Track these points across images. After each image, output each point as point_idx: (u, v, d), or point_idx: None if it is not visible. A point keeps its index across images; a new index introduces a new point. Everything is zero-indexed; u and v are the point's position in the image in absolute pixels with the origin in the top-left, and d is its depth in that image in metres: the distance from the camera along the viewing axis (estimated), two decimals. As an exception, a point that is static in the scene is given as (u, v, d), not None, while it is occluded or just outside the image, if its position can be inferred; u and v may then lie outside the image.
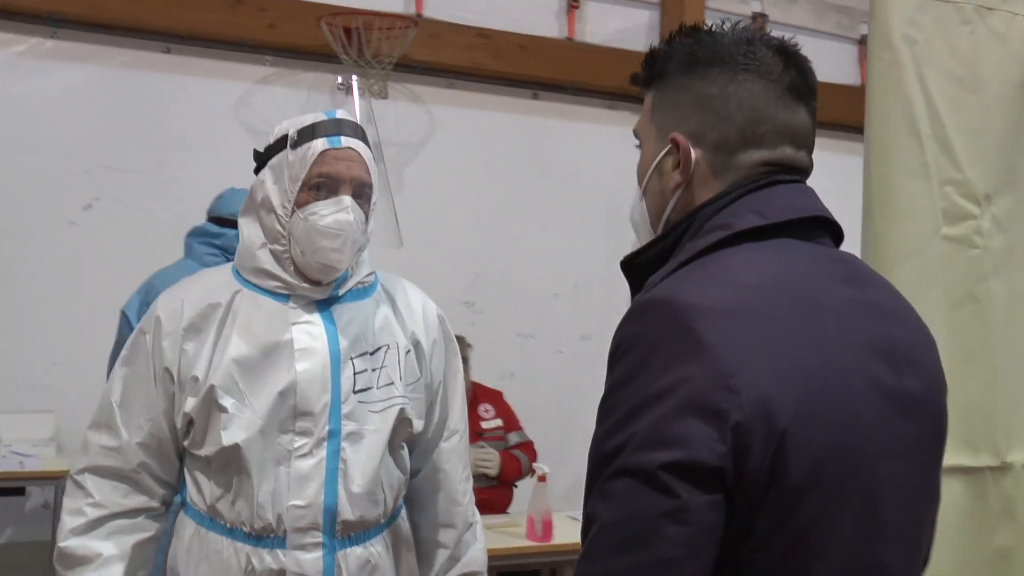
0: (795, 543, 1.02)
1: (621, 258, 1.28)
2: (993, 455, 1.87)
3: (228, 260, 3.73)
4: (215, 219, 3.50)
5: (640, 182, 1.26)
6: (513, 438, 4.51)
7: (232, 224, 3.74)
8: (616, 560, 1.00)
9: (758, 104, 1.17)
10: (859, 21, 7.14)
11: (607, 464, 1.02)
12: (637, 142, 1.31)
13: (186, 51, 5.42)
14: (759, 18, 6.70)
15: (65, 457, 4.80)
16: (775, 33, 4.67)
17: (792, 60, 1.23)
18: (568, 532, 4.00)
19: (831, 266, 1.14)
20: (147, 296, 3.44)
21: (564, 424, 6.06)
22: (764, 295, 1.05)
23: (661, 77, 1.24)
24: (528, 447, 4.54)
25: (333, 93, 5.70)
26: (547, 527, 3.76)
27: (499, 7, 6.03)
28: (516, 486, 4.51)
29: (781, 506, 1.00)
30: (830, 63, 6.93)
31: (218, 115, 5.45)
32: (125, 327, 3.31)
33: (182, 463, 1.91)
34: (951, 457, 1.77)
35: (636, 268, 1.23)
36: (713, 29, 1.26)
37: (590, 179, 6.30)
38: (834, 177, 2.57)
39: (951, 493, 1.79)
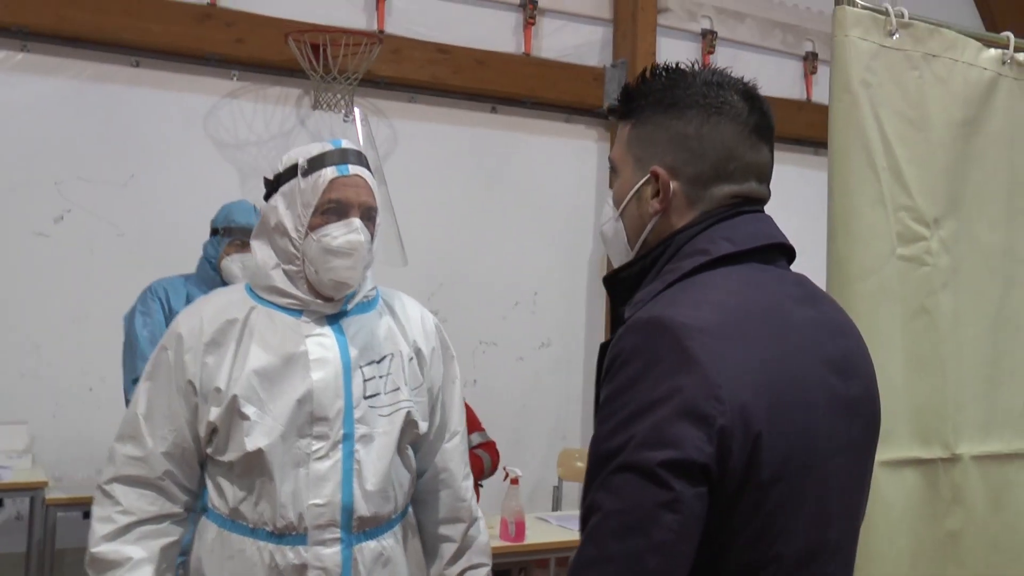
0: (764, 528, 1.20)
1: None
2: (943, 448, 2.08)
3: (205, 261, 3.81)
4: (210, 231, 3.80)
5: (617, 205, 1.43)
6: (475, 439, 4.65)
7: (212, 232, 3.81)
8: (618, 544, 1.15)
9: (729, 144, 1.36)
10: (803, 39, 7.40)
11: (609, 461, 1.18)
12: (612, 167, 1.48)
13: (155, 65, 5.48)
14: (708, 35, 6.95)
15: (40, 468, 4.86)
16: (724, 49, 4.93)
17: (756, 103, 1.41)
18: (539, 533, 4.17)
19: (791, 287, 1.33)
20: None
21: (524, 428, 6.24)
22: (742, 316, 1.24)
23: (639, 113, 1.42)
24: (490, 447, 4.68)
25: (299, 107, 5.81)
26: (520, 528, 3.92)
27: (458, 23, 6.18)
28: (481, 485, 4.66)
29: (753, 497, 1.18)
30: (776, 79, 7.19)
31: (186, 128, 5.53)
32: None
33: (203, 470, 2.05)
34: (907, 450, 2.00)
35: (617, 283, 1.42)
36: (684, 70, 1.44)
37: (547, 190, 6.48)
38: (783, 185, 2.77)
39: (906, 482, 1.99)
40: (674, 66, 1.44)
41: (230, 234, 3.76)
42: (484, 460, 4.55)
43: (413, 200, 5.91)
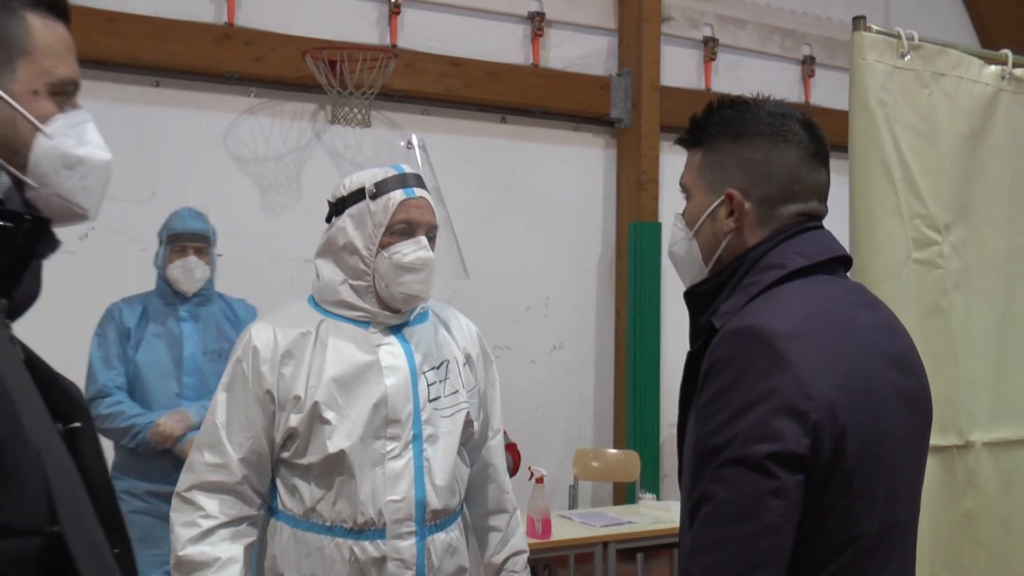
0: (848, 511, 1.38)
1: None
2: (958, 435, 2.28)
3: (157, 272, 3.77)
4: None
5: (691, 225, 1.62)
6: None
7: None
8: (733, 528, 1.34)
9: (794, 167, 1.54)
10: (801, 43, 7.61)
11: (717, 455, 1.36)
12: (684, 191, 1.66)
13: (175, 84, 5.68)
14: (710, 42, 7.16)
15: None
16: (725, 55, 5.17)
17: (815, 131, 1.59)
18: (562, 530, 4.37)
19: (853, 295, 1.52)
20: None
21: (540, 430, 6.44)
22: (819, 323, 1.42)
23: (709, 142, 1.60)
24: (512, 448, 4.86)
25: (314, 121, 6.00)
26: (546, 525, 4.11)
27: (469, 36, 6.39)
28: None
29: (839, 484, 1.36)
30: (776, 82, 7.39)
31: (206, 144, 5.73)
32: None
33: (273, 475, 2.22)
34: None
35: (696, 297, 1.60)
36: (748, 101, 1.62)
37: (556, 197, 6.69)
38: None
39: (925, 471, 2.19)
40: (739, 98, 1.63)
41: (173, 241, 3.71)
42: (507, 461, 4.75)
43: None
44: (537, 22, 6.56)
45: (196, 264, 3.70)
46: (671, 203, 6.46)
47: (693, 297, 1.61)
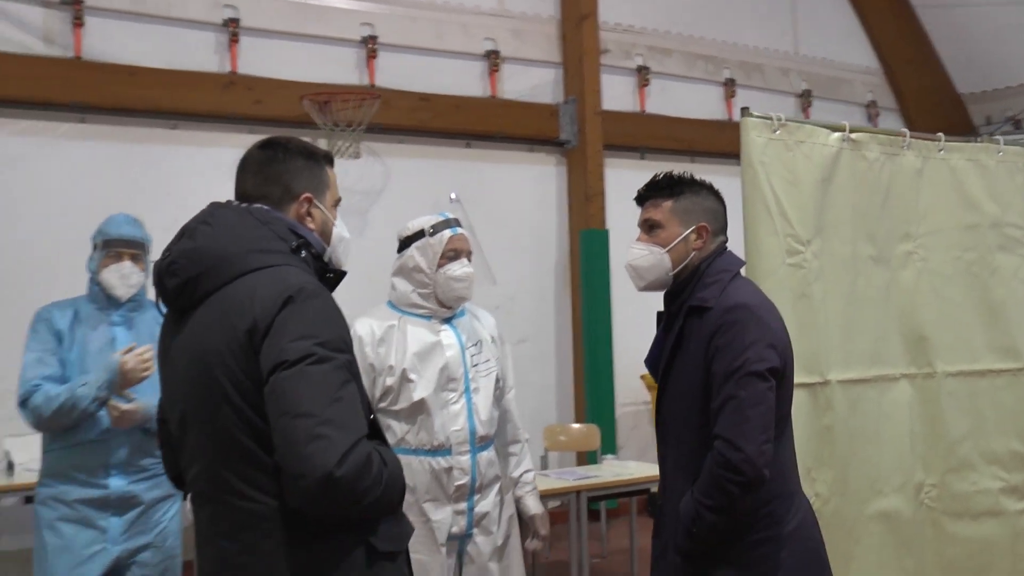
0: (783, 399, 2.58)
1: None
2: (820, 376, 3.55)
3: (89, 277, 3.59)
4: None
5: (665, 245, 2.73)
6: None
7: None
8: (752, 411, 2.46)
9: (721, 213, 2.77)
10: (722, 67, 8.98)
11: (736, 373, 2.45)
12: (654, 224, 2.81)
13: (189, 126, 6.86)
14: (642, 70, 8.49)
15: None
16: (657, 81, 6.85)
17: (718, 193, 2.85)
18: (542, 483, 5.62)
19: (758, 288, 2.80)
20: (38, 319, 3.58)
21: (510, 412, 7.71)
22: (765, 301, 2.63)
23: (679, 195, 2.75)
24: None
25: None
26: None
27: (436, 74, 7.64)
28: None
29: (782, 385, 2.57)
30: (701, 103, 8.77)
31: (217, 177, 6.75)
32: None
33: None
34: (799, 377, 3.48)
35: (671, 293, 2.79)
36: (685, 177, 2.80)
37: (515, 209, 7.97)
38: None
39: (799, 398, 3.46)
40: (680, 175, 2.80)
41: (108, 247, 3.60)
42: None
43: (403, 223, 7.31)
44: (493, 59, 7.84)
45: (131, 270, 3.61)
46: (615, 213, 7.78)
47: (669, 292, 2.80)
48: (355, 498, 1.92)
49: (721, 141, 8.29)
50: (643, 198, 2.83)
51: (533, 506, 3.64)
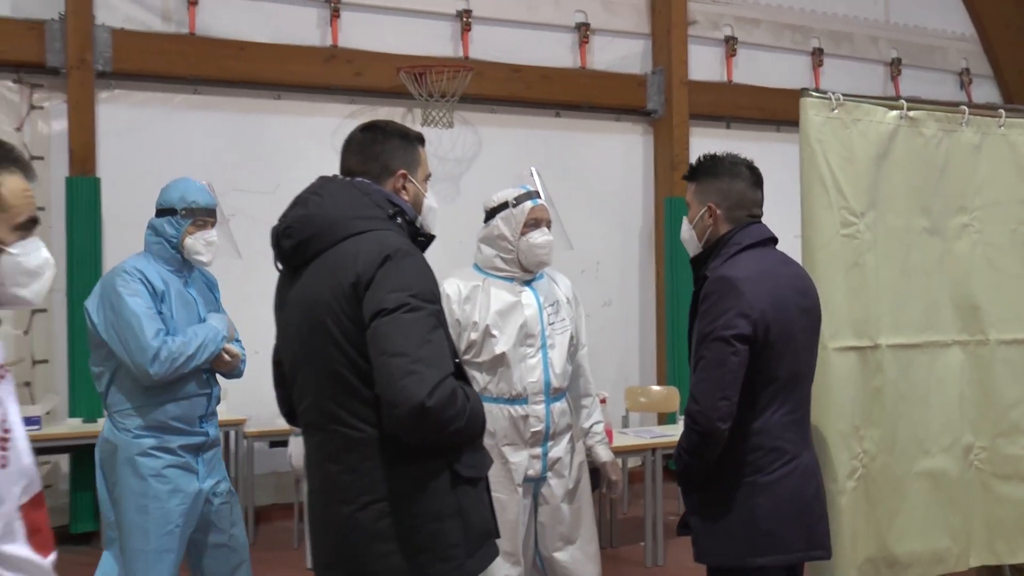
0: (770, 361, 2.96)
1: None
2: (870, 340, 3.86)
3: (163, 242, 3.85)
4: (156, 212, 3.93)
5: (691, 222, 3.21)
6: None
7: (161, 213, 3.88)
8: (712, 371, 2.91)
9: (741, 191, 3.13)
10: (810, 36, 9.16)
11: (707, 337, 2.95)
12: (687, 202, 3.27)
13: (292, 97, 7.38)
14: (730, 40, 8.74)
15: (232, 412, 6.74)
16: (744, 51, 7.26)
17: (754, 170, 3.20)
18: (620, 440, 6.04)
19: (777, 257, 3.13)
20: (98, 290, 3.86)
21: (594, 372, 8.05)
22: (759, 272, 3.01)
23: (698, 177, 3.20)
24: None
25: (403, 122, 7.62)
26: (609, 434, 5.74)
27: (527, 46, 8.02)
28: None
29: (766, 350, 2.94)
30: (788, 72, 8.98)
31: (317, 145, 7.34)
32: (89, 320, 3.82)
33: None
34: (849, 341, 3.82)
35: (697, 260, 3.22)
36: (717, 155, 3.22)
37: (603, 177, 8.34)
38: (786, 157, 4.35)
39: (848, 360, 3.80)
40: (714, 154, 3.25)
41: (193, 214, 3.84)
42: None
43: (495, 190, 7.71)
44: (583, 31, 8.18)
45: (214, 237, 3.96)
46: (699, 181, 8.08)
47: (695, 263, 3.25)
48: (442, 426, 2.34)
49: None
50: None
51: (603, 454, 4.05)
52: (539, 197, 3.92)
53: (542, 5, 8.13)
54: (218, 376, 4.00)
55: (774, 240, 3.19)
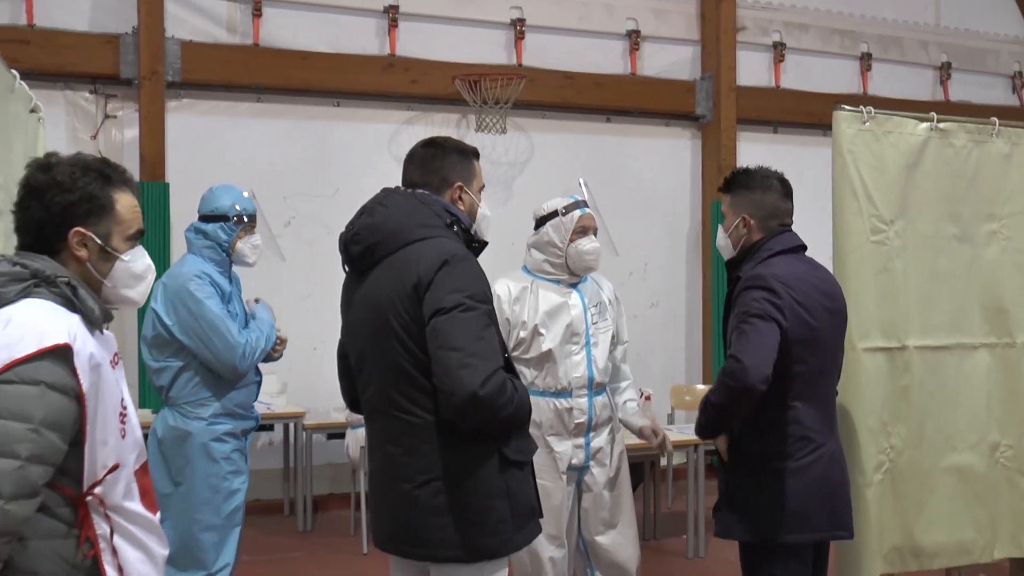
0: (799, 355, 3.25)
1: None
2: (898, 341, 4.11)
3: (215, 246, 4.19)
4: (202, 217, 4.25)
5: (727, 230, 3.52)
6: None
7: (212, 219, 4.20)
8: (755, 340, 3.17)
9: (773, 202, 3.44)
10: (859, 41, 9.33)
11: (744, 314, 3.22)
12: (723, 212, 3.57)
13: (351, 104, 7.73)
14: (778, 46, 8.94)
15: (291, 405, 7.10)
16: (792, 57, 7.56)
17: (785, 182, 3.51)
18: (664, 434, 6.29)
19: (806, 263, 3.42)
20: (166, 293, 4.15)
21: (641, 371, 8.27)
22: (790, 276, 3.29)
23: (733, 189, 3.51)
24: None
25: (457, 128, 7.94)
26: (647, 399, 6.02)
27: (579, 53, 8.30)
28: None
29: (792, 346, 3.22)
30: (836, 77, 9.16)
31: (375, 150, 7.72)
32: (158, 322, 4.17)
33: None
34: (878, 342, 4.07)
35: (731, 265, 3.52)
36: (750, 169, 3.54)
37: (652, 181, 8.59)
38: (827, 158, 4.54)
39: (877, 360, 4.04)
40: (746, 168, 3.55)
41: (242, 222, 4.22)
42: None
43: (547, 194, 7.89)
44: (634, 38, 8.45)
45: (259, 240, 4.36)
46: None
47: (730, 266, 3.55)
48: (493, 413, 2.66)
49: (856, 115, 8.65)
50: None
51: (639, 420, 4.34)
52: (587, 206, 4.22)
53: (594, 13, 8.40)
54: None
55: (803, 247, 3.48)
